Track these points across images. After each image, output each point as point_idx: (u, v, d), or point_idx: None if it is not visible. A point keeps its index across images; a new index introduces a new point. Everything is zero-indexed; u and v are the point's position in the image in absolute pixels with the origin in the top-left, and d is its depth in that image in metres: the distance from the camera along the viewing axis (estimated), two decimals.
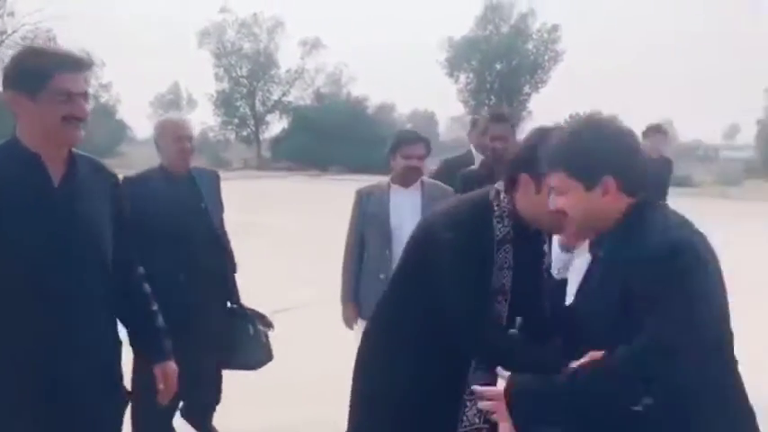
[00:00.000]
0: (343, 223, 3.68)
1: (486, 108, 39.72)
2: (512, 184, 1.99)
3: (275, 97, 43.77)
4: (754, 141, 45.31)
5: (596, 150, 1.66)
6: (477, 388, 1.78)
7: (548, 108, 39.69)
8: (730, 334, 1.61)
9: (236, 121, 42.19)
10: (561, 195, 1.70)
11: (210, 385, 3.39)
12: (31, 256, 1.79)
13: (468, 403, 2.03)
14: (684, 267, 1.49)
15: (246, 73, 42.92)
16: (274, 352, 3.36)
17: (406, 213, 3.40)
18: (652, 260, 1.51)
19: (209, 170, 3.54)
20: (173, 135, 3.18)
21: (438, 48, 40.55)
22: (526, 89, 40.08)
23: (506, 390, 1.66)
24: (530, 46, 39.85)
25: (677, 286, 1.48)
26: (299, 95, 43.77)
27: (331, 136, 35.04)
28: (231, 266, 3.37)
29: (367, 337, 2.25)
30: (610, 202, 1.65)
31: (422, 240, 2.08)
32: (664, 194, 5.33)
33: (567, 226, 1.76)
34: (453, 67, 40.24)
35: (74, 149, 1.94)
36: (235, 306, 3.36)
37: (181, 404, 3.24)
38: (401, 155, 3.40)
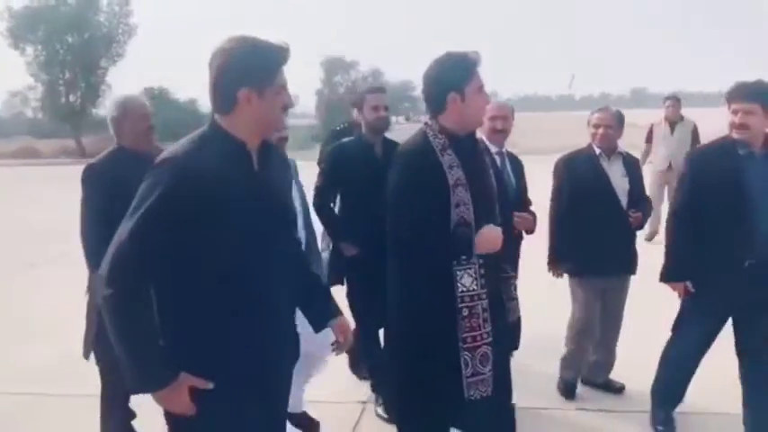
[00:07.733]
0: None
1: (61, 81, 38.03)
2: (439, 109, 2.51)
3: None
4: (314, 111, 50.52)
5: None
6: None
7: (127, 80, 39.73)
8: None
9: None
10: (748, 115, 3.02)
11: None
12: (242, 230, 1.83)
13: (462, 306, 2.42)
14: None
15: None
16: None
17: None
18: None
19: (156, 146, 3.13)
20: (141, 114, 3.04)
21: None
22: (103, 62, 39.55)
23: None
24: (101, 18, 39.30)
25: None
26: None
27: None
28: None
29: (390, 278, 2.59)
30: None
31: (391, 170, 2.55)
32: None
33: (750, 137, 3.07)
34: (17, 38, 37.28)
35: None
36: None
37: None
38: None
